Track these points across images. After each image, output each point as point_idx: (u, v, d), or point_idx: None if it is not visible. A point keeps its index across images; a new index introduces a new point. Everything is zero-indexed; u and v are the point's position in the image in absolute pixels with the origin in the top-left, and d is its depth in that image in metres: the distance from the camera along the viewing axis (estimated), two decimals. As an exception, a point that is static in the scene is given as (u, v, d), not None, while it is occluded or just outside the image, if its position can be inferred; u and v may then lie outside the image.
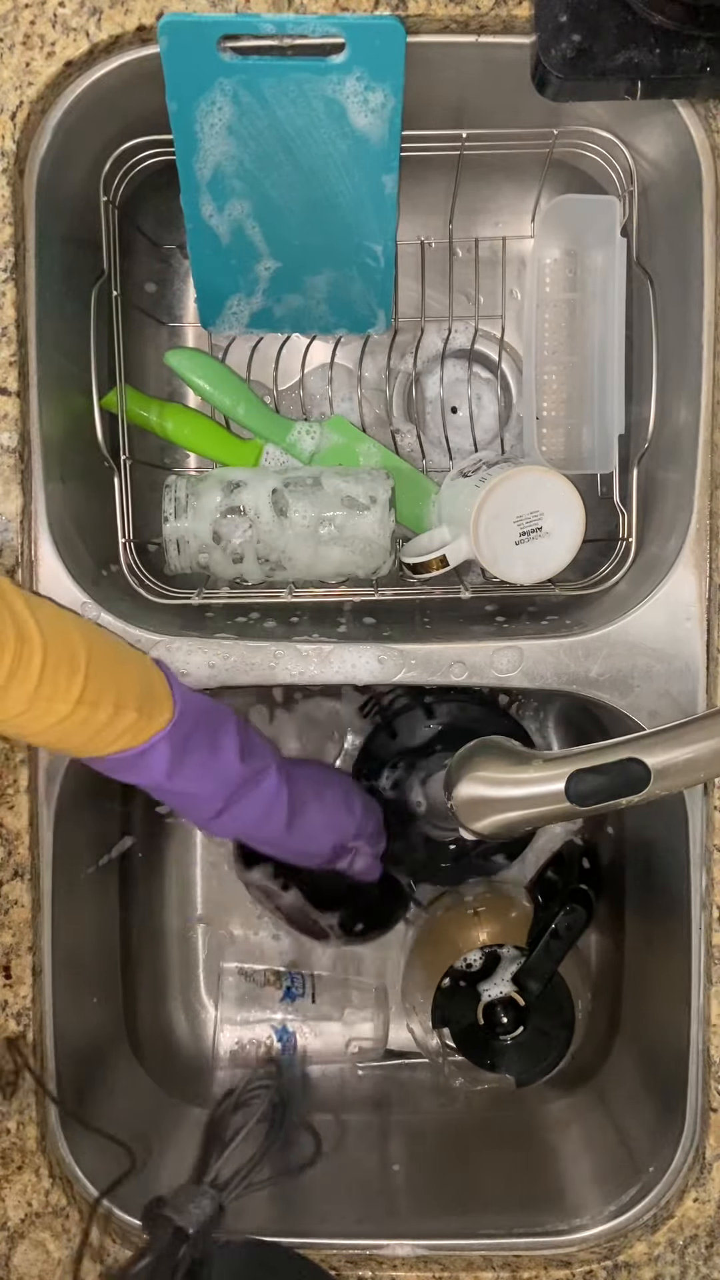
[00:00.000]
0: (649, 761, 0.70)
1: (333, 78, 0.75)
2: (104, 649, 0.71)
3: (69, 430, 0.83)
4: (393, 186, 0.82)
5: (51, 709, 0.67)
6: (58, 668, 0.67)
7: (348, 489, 0.88)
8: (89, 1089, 0.86)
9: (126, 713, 0.71)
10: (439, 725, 0.93)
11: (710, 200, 0.78)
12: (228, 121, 0.77)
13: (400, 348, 0.97)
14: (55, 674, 0.67)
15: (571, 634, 0.82)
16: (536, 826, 0.94)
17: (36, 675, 0.66)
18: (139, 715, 0.71)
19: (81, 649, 0.69)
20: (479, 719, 0.93)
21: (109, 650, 0.72)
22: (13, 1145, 0.80)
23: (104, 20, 0.75)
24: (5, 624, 0.65)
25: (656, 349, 0.85)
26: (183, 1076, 0.98)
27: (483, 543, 0.82)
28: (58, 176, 0.79)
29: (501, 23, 0.75)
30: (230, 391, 0.93)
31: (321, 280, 0.88)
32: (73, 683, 0.68)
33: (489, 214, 0.96)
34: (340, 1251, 0.81)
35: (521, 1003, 0.92)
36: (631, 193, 0.86)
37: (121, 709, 0.70)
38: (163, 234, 0.94)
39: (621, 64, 0.71)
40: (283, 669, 0.82)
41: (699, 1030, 0.80)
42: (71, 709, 0.68)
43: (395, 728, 0.94)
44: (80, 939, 0.87)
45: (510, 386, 0.98)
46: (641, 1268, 0.80)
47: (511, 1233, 0.82)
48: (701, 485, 0.80)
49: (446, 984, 0.93)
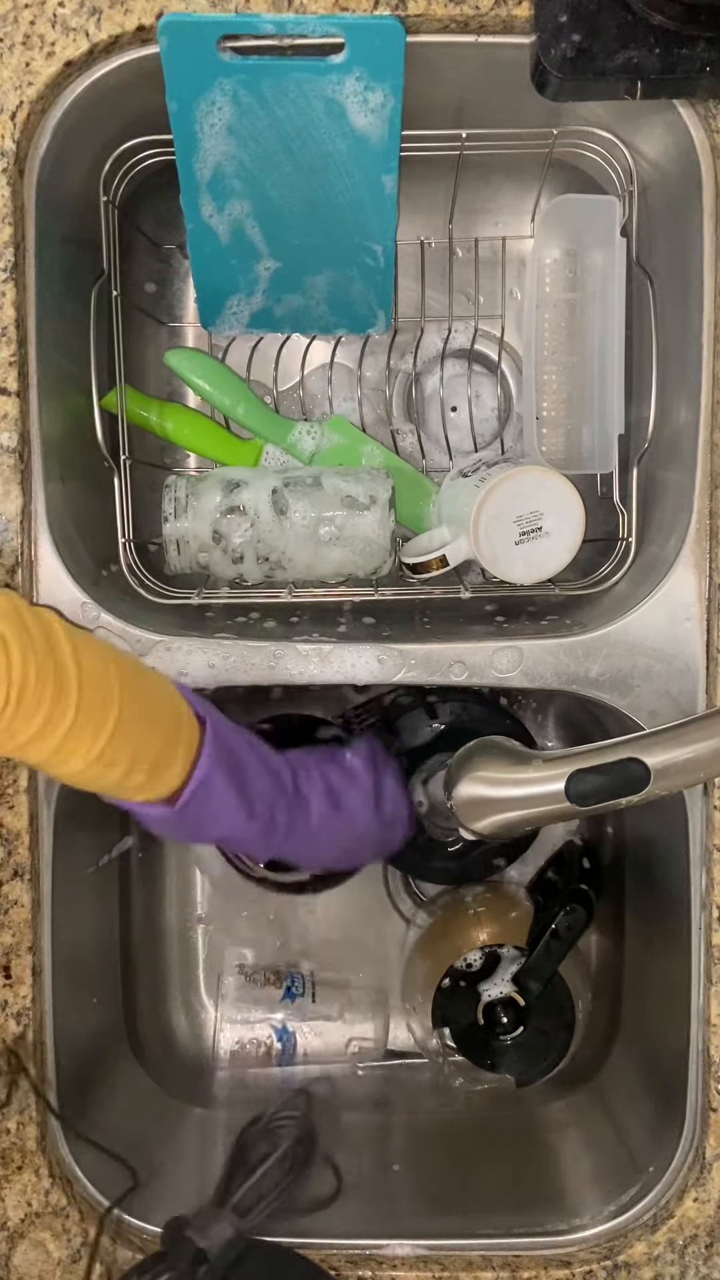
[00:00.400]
0: (649, 761, 0.70)
1: (332, 78, 0.75)
2: (135, 704, 0.68)
3: (69, 430, 0.83)
4: (393, 186, 0.82)
5: (67, 764, 0.66)
6: (84, 726, 0.65)
7: (348, 488, 0.88)
8: (89, 1089, 0.86)
9: (137, 774, 0.69)
10: (441, 725, 0.93)
11: (710, 200, 0.78)
12: (228, 121, 0.77)
13: (400, 348, 0.97)
14: (80, 732, 0.65)
15: (571, 634, 0.82)
16: (536, 826, 0.94)
17: (61, 735, 0.65)
18: (148, 777, 0.70)
19: (114, 707, 0.66)
20: (482, 719, 0.93)
21: (140, 705, 0.69)
22: (13, 1145, 0.80)
23: (104, 20, 0.75)
24: (46, 680, 0.63)
25: (656, 349, 0.85)
26: (183, 1077, 0.98)
27: (483, 543, 0.82)
28: (58, 176, 0.79)
29: (501, 23, 0.75)
30: (230, 391, 0.94)
31: (321, 280, 0.88)
32: (95, 743, 0.66)
33: (489, 214, 0.96)
34: (340, 1251, 0.81)
35: (521, 1003, 0.92)
36: (631, 193, 0.86)
37: (135, 768, 0.69)
38: (163, 234, 0.95)
39: (621, 64, 0.71)
40: (283, 669, 0.82)
41: (699, 1030, 0.80)
42: (85, 766, 0.67)
43: (398, 727, 0.94)
44: (80, 939, 0.87)
45: (510, 386, 0.98)
46: (641, 1268, 0.80)
47: (511, 1233, 0.82)
48: (701, 485, 0.80)
49: (446, 984, 0.93)
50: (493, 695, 0.97)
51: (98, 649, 0.69)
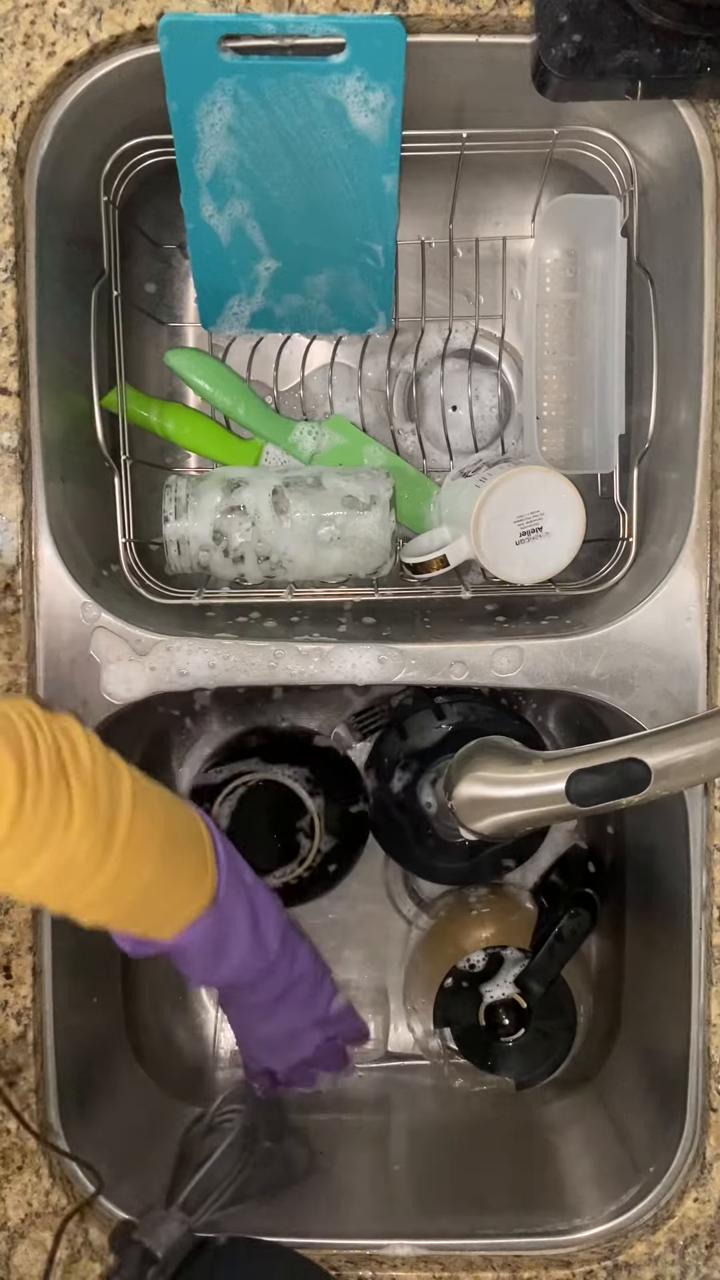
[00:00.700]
0: (649, 761, 0.70)
1: (333, 77, 0.75)
2: (171, 846, 0.70)
3: (69, 430, 0.83)
4: (393, 186, 0.82)
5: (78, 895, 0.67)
6: (127, 868, 0.66)
7: (348, 488, 0.88)
8: (89, 1089, 0.86)
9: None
10: (450, 726, 0.93)
11: (710, 200, 0.78)
12: (228, 121, 0.77)
13: (401, 347, 0.97)
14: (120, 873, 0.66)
15: (572, 634, 0.82)
16: (536, 826, 0.94)
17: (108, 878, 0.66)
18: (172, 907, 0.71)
19: (155, 843, 0.68)
20: (490, 719, 0.93)
21: (172, 849, 0.70)
22: (13, 1145, 0.80)
23: (104, 20, 0.75)
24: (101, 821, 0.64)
25: (656, 349, 0.85)
26: (183, 1076, 0.98)
27: (483, 543, 0.82)
28: (58, 176, 0.79)
29: (502, 23, 0.75)
30: (230, 391, 0.94)
31: (322, 280, 0.88)
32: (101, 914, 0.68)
33: (489, 214, 0.96)
34: (340, 1251, 0.81)
35: (523, 1005, 0.92)
36: (631, 193, 0.86)
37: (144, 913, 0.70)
38: (163, 234, 0.95)
39: (621, 64, 0.71)
40: (283, 669, 0.82)
41: (699, 1030, 0.80)
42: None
43: (405, 728, 0.94)
44: (80, 939, 0.86)
45: (510, 386, 0.98)
46: (641, 1268, 0.80)
47: (511, 1233, 0.82)
48: (701, 485, 0.80)
49: (449, 984, 0.93)
50: (501, 696, 0.97)
51: (150, 798, 0.69)
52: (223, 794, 0.90)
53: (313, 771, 0.92)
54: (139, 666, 0.81)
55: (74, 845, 0.63)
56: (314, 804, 0.91)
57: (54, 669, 0.80)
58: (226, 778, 0.91)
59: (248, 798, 0.91)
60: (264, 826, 0.92)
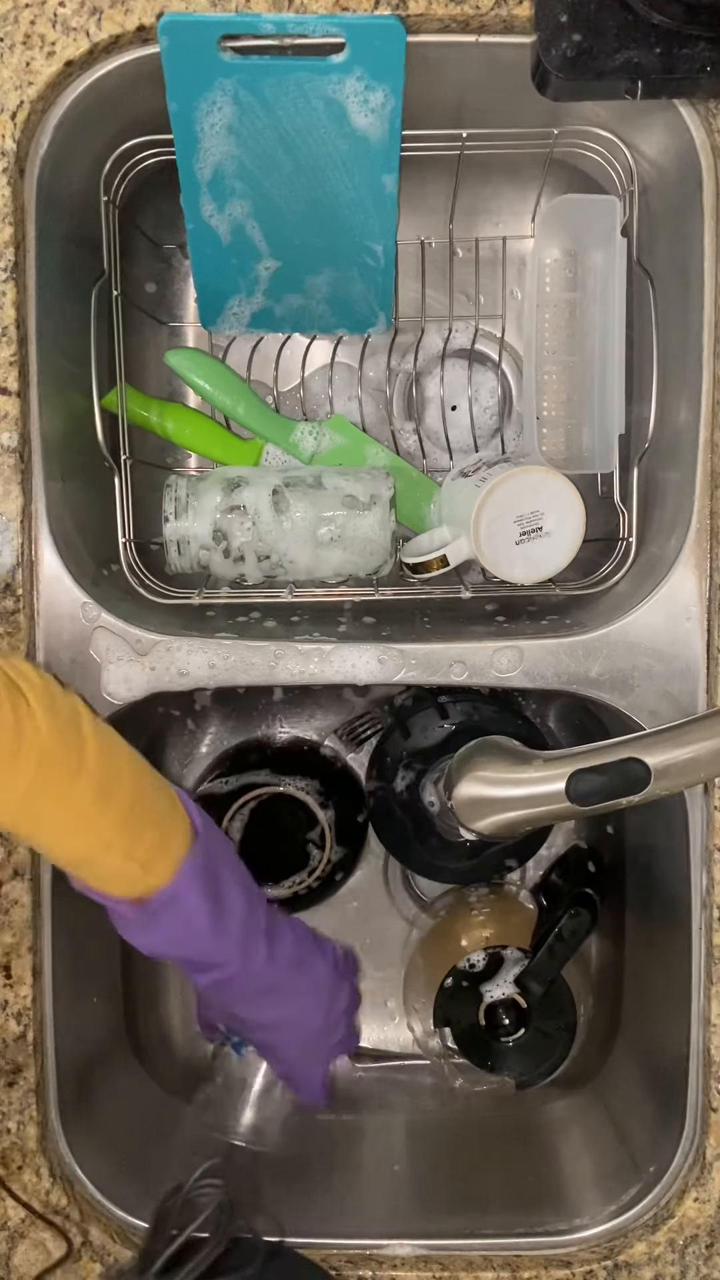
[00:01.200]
0: (649, 761, 0.70)
1: (333, 77, 0.75)
2: (142, 793, 0.71)
3: (69, 430, 0.83)
4: (393, 186, 0.82)
5: (72, 839, 0.68)
6: (94, 803, 0.68)
7: (349, 488, 0.88)
8: (89, 1089, 0.86)
9: (131, 863, 0.70)
10: (453, 725, 0.93)
11: (710, 200, 0.78)
12: (228, 121, 0.77)
13: (401, 348, 0.97)
14: (90, 808, 0.68)
15: (571, 634, 0.82)
16: (536, 826, 0.94)
17: (76, 809, 0.67)
18: (142, 870, 0.71)
19: (123, 789, 0.69)
20: (493, 719, 0.93)
21: (144, 796, 0.71)
22: (13, 1145, 0.80)
23: (104, 20, 0.75)
24: (69, 751, 0.67)
25: (656, 349, 0.85)
26: (183, 1076, 0.98)
27: (483, 543, 0.82)
28: (58, 176, 0.79)
29: (502, 23, 0.75)
30: (231, 391, 0.93)
31: (322, 280, 0.88)
32: (101, 821, 0.68)
33: (489, 214, 0.96)
34: (340, 1251, 0.81)
35: (523, 1005, 0.92)
36: (632, 193, 0.86)
37: (130, 857, 0.70)
38: (163, 234, 0.95)
39: (621, 64, 0.71)
40: (283, 669, 0.82)
41: (699, 1030, 0.80)
42: (87, 845, 0.69)
43: (409, 727, 0.94)
44: (80, 939, 0.86)
45: (510, 386, 0.98)
46: (641, 1268, 0.80)
47: (511, 1233, 0.82)
48: (701, 485, 0.80)
49: (449, 984, 0.93)
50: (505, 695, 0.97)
51: (115, 738, 0.72)
52: (234, 807, 0.90)
53: (322, 784, 0.92)
54: (139, 666, 0.81)
55: (47, 743, 0.65)
56: (325, 816, 0.91)
57: (54, 669, 0.80)
58: (235, 789, 0.91)
59: (259, 810, 0.91)
60: (275, 838, 0.92)
